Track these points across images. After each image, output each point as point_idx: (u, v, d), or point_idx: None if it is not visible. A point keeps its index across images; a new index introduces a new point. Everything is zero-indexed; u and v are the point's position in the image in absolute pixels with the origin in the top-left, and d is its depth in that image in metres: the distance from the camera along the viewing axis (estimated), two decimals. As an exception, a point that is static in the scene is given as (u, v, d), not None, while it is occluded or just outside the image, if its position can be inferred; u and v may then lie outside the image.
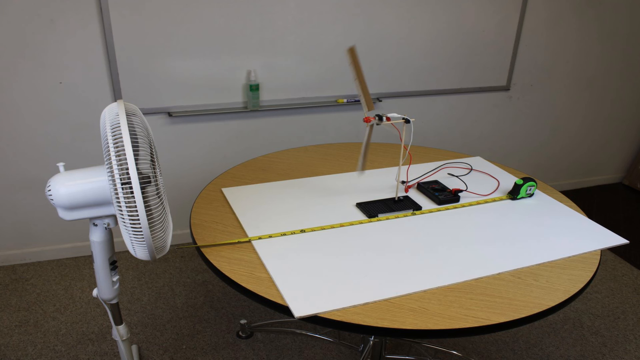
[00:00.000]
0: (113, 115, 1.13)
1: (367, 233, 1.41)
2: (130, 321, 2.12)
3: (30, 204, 2.40)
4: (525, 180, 1.65)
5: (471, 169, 1.88)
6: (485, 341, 2.06)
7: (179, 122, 2.41)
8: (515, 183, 1.66)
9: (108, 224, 1.25)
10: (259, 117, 2.51)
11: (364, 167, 1.55)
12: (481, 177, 1.82)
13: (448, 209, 1.57)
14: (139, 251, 1.16)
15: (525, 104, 3.04)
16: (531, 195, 1.69)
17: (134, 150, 1.10)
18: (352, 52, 1.38)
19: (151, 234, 1.13)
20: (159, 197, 1.16)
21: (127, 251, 2.64)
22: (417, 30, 2.56)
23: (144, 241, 1.13)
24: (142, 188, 1.10)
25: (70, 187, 1.15)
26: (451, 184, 1.74)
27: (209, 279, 2.41)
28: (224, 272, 1.23)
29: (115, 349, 1.97)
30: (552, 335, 2.11)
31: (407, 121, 1.45)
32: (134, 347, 1.95)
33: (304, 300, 1.14)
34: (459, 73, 2.76)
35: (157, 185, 1.16)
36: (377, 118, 1.40)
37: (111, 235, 1.30)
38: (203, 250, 1.32)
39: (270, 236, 1.37)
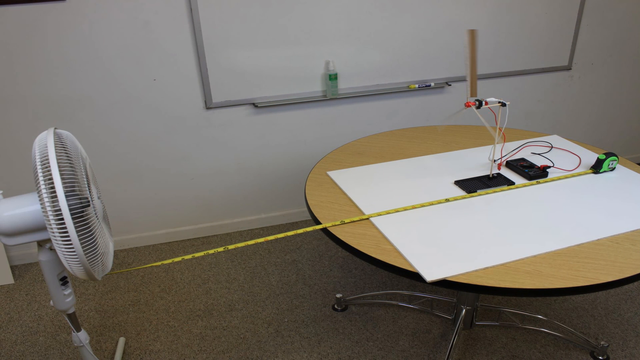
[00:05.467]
0: (42, 145, 1.16)
1: (471, 207, 1.55)
2: (232, 299, 2.31)
3: (128, 194, 2.62)
4: (608, 155, 1.76)
5: (551, 147, 2.00)
6: (566, 308, 2.18)
7: (263, 112, 2.58)
8: (598, 158, 1.78)
9: (51, 246, 1.31)
10: (336, 104, 2.67)
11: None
12: (562, 154, 1.93)
13: (539, 183, 1.70)
14: (79, 272, 1.23)
15: (590, 83, 3.12)
16: (613, 169, 1.80)
17: (67, 178, 1.15)
18: (472, 34, 1.48)
19: (88, 260, 1.20)
20: (97, 218, 1.22)
21: (220, 234, 2.84)
22: (481, 15, 2.67)
23: (81, 266, 1.20)
24: (80, 211, 1.15)
25: (9, 216, 1.20)
26: (535, 161, 1.87)
27: (298, 257, 2.59)
28: (352, 246, 1.39)
29: (223, 323, 2.17)
30: (629, 301, 2.22)
31: (503, 104, 1.58)
32: (121, 340, 2.08)
33: (431, 267, 1.29)
34: (522, 54, 2.86)
35: (94, 207, 1.21)
36: (477, 103, 1.54)
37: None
38: (329, 227, 1.48)
39: (387, 212, 1.52)
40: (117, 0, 2.19)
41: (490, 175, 1.73)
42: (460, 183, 1.68)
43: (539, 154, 1.93)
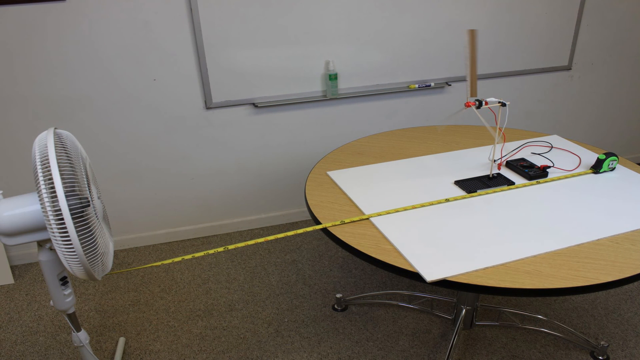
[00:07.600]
0: (42, 145, 1.15)
1: (471, 207, 1.55)
2: (232, 299, 2.31)
3: (128, 194, 2.62)
4: (608, 155, 1.76)
5: (551, 147, 2.00)
6: (566, 308, 2.18)
7: (263, 112, 2.58)
8: (598, 158, 1.77)
9: (51, 246, 1.31)
10: (336, 104, 2.67)
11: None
12: (562, 154, 1.93)
13: (539, 183, 1.70)
14: (79, 272, 1.23)
15: (589, 83, 3.12)
16: (613, 169, 1.80)
17: (67, 178, 1.15)
18: (472, 34, 1.48)
19: (88, 260, 1.20)
20: (97, 218, 1.23)
21: (220, 234, 2.84)
22: (481, 15, 2.67)
23: (81, 266, 1.19)
24: (80, 211, 1.15)
25: (9, 216, 1.20)
26: (535, 161, 1.87)
27: (298, 257, 2.59)
28: (352, 246, 1.39)
29: (223, 323, 2.17)
30: (629, 301, 2.22)
31: (503, 104, 1.58)
32: (121, 340, 2.08)
33: (431, 267, 1.29)
34: (522, 54, 2.86)
35: (94, 207, 1.21)
36: (477, 103, 1.54)
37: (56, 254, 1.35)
38: (329, 227, 1.48)
39: (387, 212, 1.52)
40: (117, 0, 2.19)
41: (490, 175, 1.73)
42: (460, 183, 1.68)
43: (539, 154, 1.93)
